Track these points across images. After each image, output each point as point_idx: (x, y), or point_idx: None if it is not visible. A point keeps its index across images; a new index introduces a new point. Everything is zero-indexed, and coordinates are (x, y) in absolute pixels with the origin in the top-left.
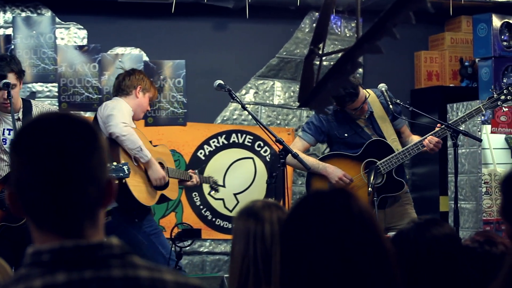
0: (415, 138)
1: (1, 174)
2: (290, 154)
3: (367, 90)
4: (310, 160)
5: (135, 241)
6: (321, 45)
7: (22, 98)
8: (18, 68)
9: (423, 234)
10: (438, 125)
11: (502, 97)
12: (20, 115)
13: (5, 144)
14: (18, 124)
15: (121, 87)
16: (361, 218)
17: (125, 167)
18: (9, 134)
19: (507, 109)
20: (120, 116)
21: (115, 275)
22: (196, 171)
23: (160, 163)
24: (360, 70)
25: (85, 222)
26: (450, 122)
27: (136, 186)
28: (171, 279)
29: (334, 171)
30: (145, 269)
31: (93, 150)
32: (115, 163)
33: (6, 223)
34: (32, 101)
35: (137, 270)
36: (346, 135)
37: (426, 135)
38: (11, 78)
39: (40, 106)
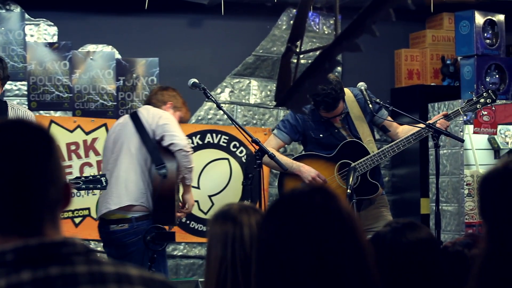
0: (406, 129)
1: None
2: (266, 155)
3: (344, 88)
4: (284, 159)
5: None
6: (298, 43)
7: None
8: (3, 74)
9: (399, 239)
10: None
11: (482, 100)
12: None
13: None
14: None
15: (152, 101)
16: (340, 217)
17: (103, 179)
18: None
19: (488, 110)
20: (179, 129)
21: (80, 271)
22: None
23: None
24: (339, 68)
25: (46, 222)
26: (428, 121)
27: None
28: (136, 274)
29: (308, 170)
30: (109, 265)
31: (51, 154)
32: (92, 173)
33: None
34: (8, 102)
35: (102, 266)
36: (321, 135)
37: (408, 136)
38: None
39: (16, 108)
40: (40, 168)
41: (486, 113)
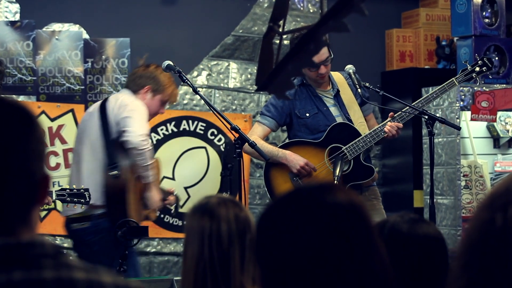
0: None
1: None
2: (247, 143)
3: (332, 72)
4: (269, 148)
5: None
6: (281, 22)
7: None
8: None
9: (416, 231)
10: (391, 113)
11: (477, 68)
12: None
13: None
14: None
15: (129, 86)
16: (354, 214)
17: (86, 193)
18: None
19: (487, 89)
20: (139, 123)
21: (47, 277)
22: (175, 192)
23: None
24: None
25: (15, 219)
26: (420, 99)
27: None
28: (110, 281)
29: (295, 159)
30: (80, 270)
31: (28, 140)
32: (75, 187)
33: None
34: None
35: (72, 271)
36: (307, 114)
37: (389, 119)
38: None
39: None
40: (13, 154)
41: (487, 95)
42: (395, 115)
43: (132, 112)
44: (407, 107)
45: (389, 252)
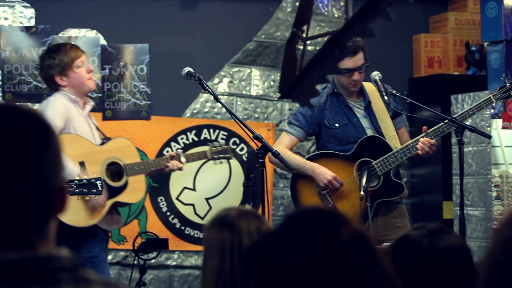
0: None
1: None
2: (270, 153)
3: (364, 83)
4: (296, 160)
5: None
6: (305, 28)
7: None
8: None
9: (437, 244)
10: (424, 127)
11: None
12: None
13: None
14: None
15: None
16: (353, 249)
17: (98, 183)
18: None
19: None
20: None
21: None
22: (180, 150)
23: (114, 163)
24: None
25: (31, 233)
26: (455, 116)
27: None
28: None
29: (323, 172)
30: (99, 284)
31: (44, 151)
32: (85, 177)
33: None
34: None
35: (90, 285)
36: (336, 125)
37: (422, 134)
38: None
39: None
40: (29, 166)
41: None
42: (429, 130)
43: (44, 109)
44: (441, 124)
45: (412, 268)
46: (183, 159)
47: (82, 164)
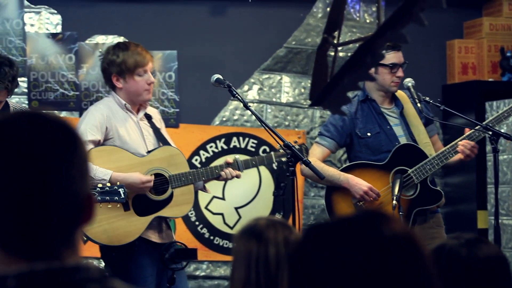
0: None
1: None
2: (301, 162)
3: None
4: (329, 171)
5: None
6: (336, 33)
7: None
8: (11, 86)
9: (476, 254)
10: (467, 129)
11: None
12: None
13: None
14: None
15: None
16: (397, 248)
17: (121, 190)
18: None
19: None
20: (81, 130)
21: None
22: (237, 157)
23: (156, 174)
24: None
25: (59, 242)
26: (487, 120)
27: (103, 225)
28: None
29: (358, 183)
30: None
31: (72, 159)
32: (109, 184)
33: None
34: (9, 101)
35: None
36: (368, 134)
37: (460, 138)
38: None
39: (19, 108)
40: (56, 175)
41: None
42: (465, 135)
43: (81, 119)
44: (478, 126)
45: (449, 278)
46: (240, 166)
47: None
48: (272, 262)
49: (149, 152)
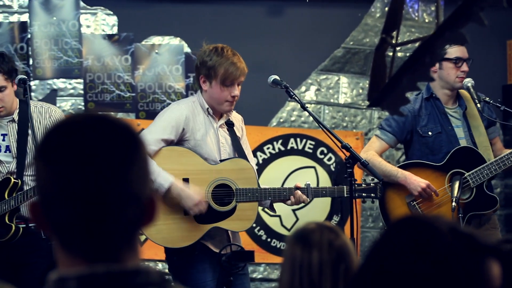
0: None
1: None
2: (359, 163)
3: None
4: (387, 167)
5: None
6: (394, 33)
7: (19, 99)
8: (7, 67)
9: None
10: None
11: None
12: (16, 116)
13: None
14: (12, 126)
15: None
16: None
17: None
18: (3, 140)
19: None
20: (151, 132)
21: None
22: (308, 183)
23: (223, 185)
24: None
25: (120, 244)
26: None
27: (159, 225)
28: None
29: (417, 180)
30: None
31: (134, 161)
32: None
33: None
34: (31, 101)
35: None
36: (430, 133)
37: None
38: None
39: (40, 106)
40: (120, 178)
41: None
42: None
43: (156, 117)
44: None
45: (503, 281)
46: (310, 193)
47: (186, 181)
48: (315, 267)
49: (221, 161)
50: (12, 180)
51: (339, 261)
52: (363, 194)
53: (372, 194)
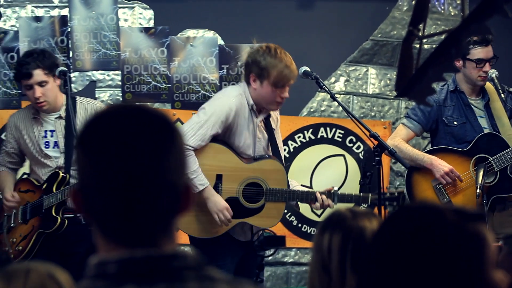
0: None
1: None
2: (386, 151)
3: None
4: (413, 152)
5: None
6: (421, 26)
7: (66, 94)
8: (48, 62)
9: None
10: None
11: None
12: (62, 112)
13: (47, 148)
14: (60, 123)
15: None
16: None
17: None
18: (51, 136)
19: None
20: (193, 127)
21: None
22: (335, 188)
23: (255, 183)
24: None
25: (157, 230)
26: None
27: (188, 215)
28: None
29: (441, 164)
30: (224, 283)
31: (170, 150)
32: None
33: (43, 230)
34: (77, 97)
35: (215, 283)
36: (455, 123)
37: None
38: (38, 75)
39: (86, 102)
40: (157, 166)
41: None
42: None
43: (197, 113)
44: None
45: None
46: (335, 198)
47: (219, 177)
48: (325, 248)
49: (255, 159)
50: (61, 174)
51: (347, 241)
52: (386, 203)
53: (394, 203)
